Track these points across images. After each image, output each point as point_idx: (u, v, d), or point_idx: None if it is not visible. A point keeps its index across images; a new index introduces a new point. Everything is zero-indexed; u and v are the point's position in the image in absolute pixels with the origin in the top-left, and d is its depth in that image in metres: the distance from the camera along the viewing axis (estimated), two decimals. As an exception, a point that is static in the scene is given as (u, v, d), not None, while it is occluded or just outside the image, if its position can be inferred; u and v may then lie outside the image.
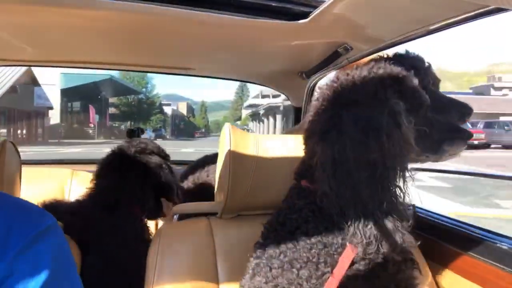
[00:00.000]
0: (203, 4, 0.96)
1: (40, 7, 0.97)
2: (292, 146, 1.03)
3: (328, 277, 0.74)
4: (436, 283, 1.08)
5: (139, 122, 34.49)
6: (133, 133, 1.81)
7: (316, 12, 0.97)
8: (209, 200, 1.77)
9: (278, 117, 26.26)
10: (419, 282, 0.84)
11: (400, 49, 1.13)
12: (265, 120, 31.57)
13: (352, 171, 0.74)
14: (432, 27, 0.98)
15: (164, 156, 1.61)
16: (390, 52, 1.01)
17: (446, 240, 1.15)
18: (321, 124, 0.81)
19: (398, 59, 0.86)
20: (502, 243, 1.02)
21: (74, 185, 1.98)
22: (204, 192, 1.81)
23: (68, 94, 23.19)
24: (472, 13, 0.86)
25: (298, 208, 0.85)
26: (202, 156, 1.97)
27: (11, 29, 1.19)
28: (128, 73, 32.74)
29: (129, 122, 32.88)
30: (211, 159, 1.91)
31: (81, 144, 19.30)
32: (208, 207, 1.19)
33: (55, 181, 1.97)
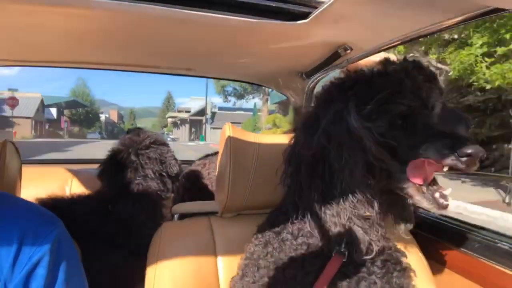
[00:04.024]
0: (203, 4, 0.96)
1: (40, 7, 0.97)
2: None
3: (313, 276, 0.76)
4: (436, 283, 1.08)
5: (87, 127, 48.94)
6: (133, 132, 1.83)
7: (316, 12, 0.97)
8: (209, 199, 1.79)
9: (187, 126, 42.20)
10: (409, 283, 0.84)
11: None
12: (181, 127, 47.11)
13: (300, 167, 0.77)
14: (432, 28, 0.98)
15: (169, 147, 1.68)
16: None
17: (446, 240, 1.15)
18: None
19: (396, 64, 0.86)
20: (503, 243, 1.02)
21: (75, 185, 1.98)
22: (204, 191, 1.83)
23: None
24: (472, 13, 0.86)
25: (285, 209, 0.86)
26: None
27: (11, 29, 1.19)
28: (78, 92, 48.25)
29: (78, 128, 47.03)
30: (211, 158, 1.92)
31: (55, 139, 30.76)
32: (208, 207, 1.19)
33: (55, 181, 1.97)
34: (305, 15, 1.01)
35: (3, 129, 24.33)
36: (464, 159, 0.67)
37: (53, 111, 39.42)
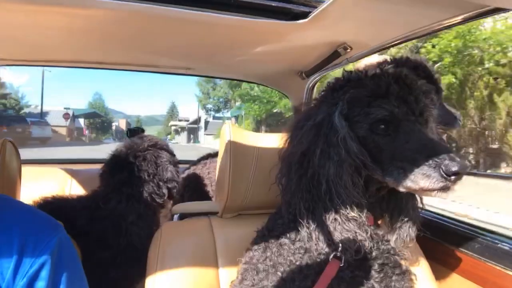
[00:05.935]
0: (203, 4, 0.96)
1: (40, 7, 0.97)
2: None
3: (311, 280, 0.76)
4: (436, 283, 1.08)
5: (102, 134, 56.01)
6: (134, 132, 1.83)
7: (316, 12, 0.97)
8: (209, 198, 1.79)
9: (186, 133, 49.73)
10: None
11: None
12: (181, 134, 55.44)
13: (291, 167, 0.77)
14: (432, 27, 0.98)
15: (172, 153, 1.68)
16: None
17: (446, 240, 1.15)
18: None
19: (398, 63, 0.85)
20: (503, 243, 1.02)
21: (74, 185, 1.98)
22: (204, 190, 1.82)
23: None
24: (472, 13, 0.86)
25: (282, 211, 0.86)
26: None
27: (11, 29, 1.18)
28: (95, 105, 56.35)
29: (94, 134, 53.14)
30: (213, 157, 1.92)
31: (79, 142, 34.82)
32: (208, 207, 1.19)
33: (55, 181, 1.97)
34: (305, 15, 1.01)
35: (56, 132, 31.81)
36: (452, 178, 0.64)
37: (81, 121, 49.78)
